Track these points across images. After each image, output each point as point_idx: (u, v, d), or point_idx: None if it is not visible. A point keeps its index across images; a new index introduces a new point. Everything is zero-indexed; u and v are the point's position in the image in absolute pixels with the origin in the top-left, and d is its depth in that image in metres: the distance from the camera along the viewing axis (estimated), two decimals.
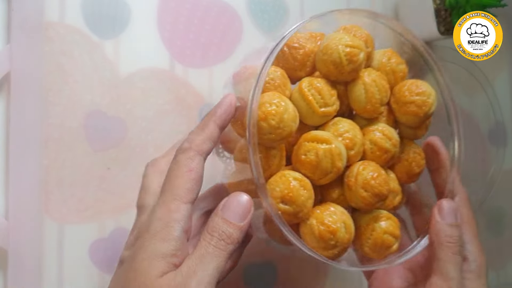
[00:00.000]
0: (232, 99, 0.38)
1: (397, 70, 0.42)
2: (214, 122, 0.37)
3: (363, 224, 0.40)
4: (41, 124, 0.46)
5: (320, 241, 0.37)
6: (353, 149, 0.39)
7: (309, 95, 0.39)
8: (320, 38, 0.42)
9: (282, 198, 0.36)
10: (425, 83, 0.41)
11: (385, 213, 0.40)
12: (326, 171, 0.37)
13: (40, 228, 0.45)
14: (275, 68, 0.40)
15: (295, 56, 0.40)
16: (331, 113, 0.39)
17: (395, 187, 0.42)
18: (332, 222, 0.37)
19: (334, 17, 0.42)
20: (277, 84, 0.39)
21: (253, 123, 0.35)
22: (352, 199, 0.39)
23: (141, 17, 0.51)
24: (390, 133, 0.41)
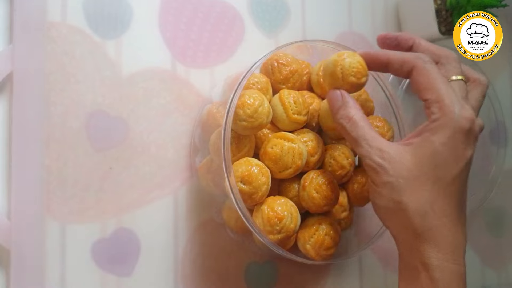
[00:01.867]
0: None
1: (365, 105, 0.50)
2: None
3: (309, 224, 0.46)
4: (43, 124, 0.46)
5: (267, 224, 0.42)
6: (314, 156, 0.46)
7: (286, 101, 0.46)
8: (306, 66, 0.51)
9: (242, 178, 0.42)
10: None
11: (330, 220, 0.46)
12: (286, 166, 0.44)
13: (42, 228, 0.45)
14: (262, 75, 0.48)
15: (281, 71, 0.48)
16: (301, 121, 0.46)
17: (344, 202, 0.48)
18: (280, 210, 0.42)
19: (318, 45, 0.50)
20: (261, 87, 0.46)
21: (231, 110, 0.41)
22: (304, 198, 0.45)
23: (143, 17, 0.51)
24: (348, 153, 0.47)
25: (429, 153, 0.38)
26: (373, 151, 0.39)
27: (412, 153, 0.38)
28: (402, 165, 0.38)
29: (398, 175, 0.38)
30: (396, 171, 0.38)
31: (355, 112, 0.41)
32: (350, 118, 0.40)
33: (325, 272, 0.56)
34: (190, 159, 0.51)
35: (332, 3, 0.60)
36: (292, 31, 0.57)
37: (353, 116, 0.40)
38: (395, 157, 0.38)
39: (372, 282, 0.58)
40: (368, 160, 0.39)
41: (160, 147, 0.50)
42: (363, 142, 0.39)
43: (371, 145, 0.39)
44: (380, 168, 0.38)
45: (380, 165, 0.38)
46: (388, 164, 0.38)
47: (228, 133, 0.40)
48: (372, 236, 0.48)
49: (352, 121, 0.40)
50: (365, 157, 0.39)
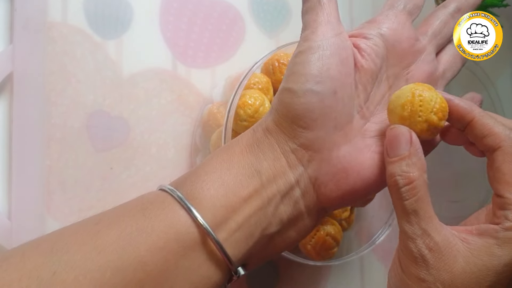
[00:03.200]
0: None
1: None
2: None
3: None
4: (43, 124, 0.46)
5: None
6: None
7: None
8: None
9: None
10: None
11: (332, 220, 0.45)
12: None
13: (43, 228, 0.45)
14: (263, 75, 0.47)
15: (282, 70, 0.47)
16: None
17: None
18: None
19: None
20: (261, 87, 0.46)
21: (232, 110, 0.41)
22: None
23: (144, 17, 0.51)
24: None
25: (486, 269, 0.30)
26: (421, 235, 0.30)
27: (465, 258, 0.30)
28: (447, 267, 0.30)
29: (439, 279, 0.30)
30: (438, 271, 0.30)
31: (419, 175, 0.31)
32: (411, 181, 0.30)
33: (326, 272, 0.56)
34: (191, 159, 0.51)
35: None
36: (293, 31, 0.57)
37: (415, 180, 0.30)
38: (443, 251, 0.30)
39: (373, 282, 0.58)
40: (411, 243, 0.30)
41: (161, 147, 0.50)
42: (414, 219, 0.30)
43: (422, 227, 0.30)
44: (421, 260, 0.30)
45: (423, 256, 0.30)
46: (433, 259, 0.30)
47: (229, 133, 0.40)
48: (373, 236, 0.48)
49: (413, 186, 0.30)
50: (408, 238, 0.31)
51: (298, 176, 0.32)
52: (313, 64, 0.32)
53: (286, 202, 0.32)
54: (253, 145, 0.33)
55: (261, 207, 0.31)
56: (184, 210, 0.30)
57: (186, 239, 0.29)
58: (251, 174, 0.31)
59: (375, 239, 0.47)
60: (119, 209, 0.32)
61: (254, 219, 0.31)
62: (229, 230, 0.30)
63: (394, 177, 0.31)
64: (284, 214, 0.32)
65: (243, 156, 0.32)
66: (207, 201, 0.30)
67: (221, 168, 0.32)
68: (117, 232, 0.29)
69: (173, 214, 0.30)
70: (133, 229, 0.29)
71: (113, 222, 0.30)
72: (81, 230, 0.30)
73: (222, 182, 0.31)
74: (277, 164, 0.32)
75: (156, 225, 0.29)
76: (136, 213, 0.30)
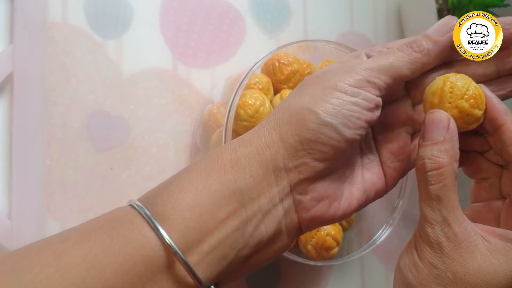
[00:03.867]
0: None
1: None
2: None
3: None
4: (44, 124, 0.46)
5: None
6: None
7: None
8: (307, 66, 0.50)
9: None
10: None
11: None
12: None
13: (43, 228, 0.45)
14: (263, 75, 0.48)
15: (283, 71, 0.48)
16: None
17: None
18: None
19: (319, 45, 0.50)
20: (262, 88, 0.46)
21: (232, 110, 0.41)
22: None
23: (144, 17, 0.51)
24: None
25: (502, 271, 0.29)
26: (440, 222, 0.30)
27: (483, 255, 0.30)
28: (462, 260, 0.30)
29: (451, 269, 0.30)
30: (452, 261, 0.29)
31: (449, 162, 0.30)
32: (440, 166, 0.30)
33: (327, 272, 0.56)
34: (191, 159, 0.51)
35: (333, 3, 0.60)
36: (293, 31, 0.57)
37: (444, 167, 0.30)
38: (461, 243, 0.30)
39: (374, 283, 0.58)
40: (429, 228, 0.30)
41: (161, 147, 0.50)
42: (436, 205, 0.30)
43: (444, 214, 0.30)
44: (437, 247, 0.30)
45: (440, 243, 0.30)
46: (449, 248, 0.30)
47: (229, 133, 0.40)
48: (374, 236, 0.48)
49: (440, 172, 0.30)
50: (427, 222, 0.30)
51: (284, 196, 0.31)
52: (349, 106, 0.31)
53: (268, 222, 0.31)
54: (240, 159, 0.31)
55: (238, 228, 0.30)
56: (153, 232, 0.28)
57: (154, 262, 0.28)
58: (231, 192, 0.30)
59: (376, 239, 0.47)
60: (87, 226, 0.30)
61: (230, 240, 0.29)
62: (202, 252, 0.29)
63: (423, 160, 0.30)
64: (264, 234, 0.31)
65: (224, 172, 0.30)
66: (179, 223, 0.28)
67: (197, 186, 0.30)
68: (83, 252, 0.27)
69: (142, 235, 0.28)
70: (98, 250, 0.27)
71: (79, 241, 0.28)
72: (46, 248, 0.28)
73: (197, 202, 0.29)
74: (265, 181, 0.30)
75: (123, 246, 0.28)
76: (103, 233, 0.28)
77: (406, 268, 0.31)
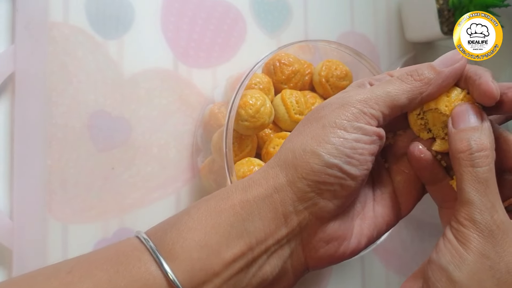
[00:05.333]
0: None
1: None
2: None
3: None
4: (45, 124, 0.46)
5: None
6: None
7: (288, 101, 0.46)
8: (308, 66, 0.50)
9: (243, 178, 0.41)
10: None
11: None
12: None
13: (44, 228, 0.45)
14: (264, 75, 0.48)
15: (283, 71, 0.48)
16: None
17: None
18: None
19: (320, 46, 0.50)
20: (263, 88, 0.46)
21: (233, 110, 0.41)
22: None
23: (145, 17, 0.51)
24: None
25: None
26: (490, 208, 0.29)
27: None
28: (511, 249, 0.28)
29: (504, 259, 0.28)
30: (504, 251, 0.28)
31: (491, 147, 0.30)
32: (485, 148, 0.29)
33: (327, 273, 0.56)
34: (192, 159, 0.51)
35: (334, 3, 0.60)
36: (294, 31, 0.57)
37: (489, 149, 0.29)
38: (508, 231, 0.29)
39: (374, 283, 0.58)
40: (478, 215, 0.29)
41: (162, 147, 0.50)
42: (486, 189, 0.29)
43: (491, 200, 0.29)
44: (489, 235, 0.28)
45: (491, 231, 0.28)
46: (499, 236, 0.28)
47: (230, 133, 0.40)
48: None
49: (487, 154, 0.29)
50: (476, 208, 0.29)
51: (292, 237, 0.31)
52: (350, 144, 0.30)
53: (273, 262, 0.30)
54: (250, 201, 0.30)
55: (243, 269, 0.29)
56: (160, 271, 0.28)
57: None
58: (240, 234, 0.30)
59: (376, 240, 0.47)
60: (93, 258, 0.30)
61: (234, 280, 0.29)
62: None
63: (467, 142, 0.29)
64: (269, 274, 0.30)
65: (234, 213, 0.30)
66: (186, 264, 0.28)
67: (206, 225, 0.30)
68: (89, 286, 0.27)
69: (148, 274, 0.28)
70: (105, 285, 0.27)
71: (85, 274, 0.28)
72: (52, 278, 0.28)
73: (205, 243, 0.29)
74: (273, 224, 0.30)
75: (129, 285, 0.28)
76: (110, 268, 0.28)
77: (450, 265, 0.28)
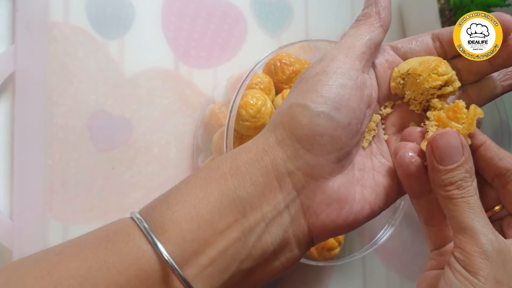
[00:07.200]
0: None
1: None
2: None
3: None
4: (45, 124, 0.46)
5: None
6: None
7: None
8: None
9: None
10: None
11: None
12: None
13: (44, 228, 0.45)
14: (265, 75, 0.47)
15: (284, 70, 0.48)
16: None
17: None
18: None
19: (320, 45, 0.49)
20: (263, 87, 0.46)
21: (234, 110, 0.41)
22: None
23: (146, 17, 0.51)
24: None
25: None
26: (491, 231, 0.29)
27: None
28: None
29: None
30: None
31: (474, 178, 0.30)
32: (473, 182, 0.30)
33: (328, 273, 0.56)
34: (192, 159, 0.51)
35: (335, 3, 0.60)
36: (295, 31, 0.57)
37: (474, 180, 0.30)
38: (508, 253, 0.29)
39: (375, 283, 0.58)
40: (484, 239, 0.28)
41: (162, 147, 0.50)
42: (482, 214, 0.29)
43: (489, 224, 0.29)
44: (497, 258, 0.28)
45: (499, 250, 0.28)
46: (507, 258, 0.28)
47: (230, 133, 0.40)
48: (375, 237, 0.48)
49: (475, 185, 0.30)
50: (480, 234, 0.28)
51: (289, 202, 0.30)
52: (336, 89, 0.30)
53: (273, 231, 0.29)
54: (240, 167, 0.30)
55: (239, 238, 0.28)
56: (150, 245, 0.27)
57: (150, 276, 0.27)
58: (232, 202, 0.29)
59: (377, 240, 0.47)
60: (84, 238, 0.29)
61: (231, 251, 0.28)
62: (200, 265, 0.28)
63: (455, 179, 0.29)
64: (269, 245, 0.29)
65: (224, 181, 0.29)
66: (176, 235, 0.28)
67: (196, 196, 0.29)
68: (77, 265, 0.27)
69: (137, 248, 0.27)
70: (93, 262, 0.27)
71: (74, 253, 0.27)
72: (41, 261, 0.27)
73: (195, 212, 0.28)
74: (267, 188, 0.29)
75: (118, 260, 0.27)
76: (99, 245, 0.28)
77: None
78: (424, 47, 0.35)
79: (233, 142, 0.41)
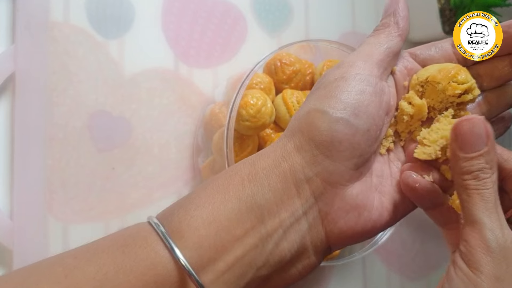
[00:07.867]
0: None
1: None
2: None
3: None
4: (45, 124, 0.46)
5: None
6: None
7: (289, 101, 0.46)
8: (309, 66, 0.50)
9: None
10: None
11: None
12: None
13: (44, 228, 0.45)
14: (265, 75, 0.47)
15: (284, 70, 0.48)
16: None
17: None
18: None
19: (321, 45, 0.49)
20: (264, 87, 0.46)
21: (234, 110, 0.41)
22: None
23: (146, 17, 0.51)
24: None
25: None
26: (501, 227, 0.28)
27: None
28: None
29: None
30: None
31: (495, 170, 0.29)
32: (493, 176, 0.29)
33: (329, 273, 0.56)
34: (193, 159, 0.51)
35: (335, 3, 0.60)
36: (295, 31, 0.57)
37: (495, 173, 0.29)
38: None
39: (375, 283, 0.58)
40: (490, 235, 0.27)
41: (163, 147, 0.50)
42: (496, 209, 0.28)
43: (501, 220, 0.28)
44: (500, 255, 0.27)
45: (503, 248, 0.27)
46: (509, 254, 0.27)
47: (231, 133, 0.40)
48: (375, 237, 0.48)
49: (494, 179, 0.29)
50: (487, 229, 0.28)
51: (307, 208, 0.29)
52: (355, 95, 0.30)
53: (291, 237, 0.29)
54: (258, 173, 0.29)
55: (257, 245, 0.28)
56: (167, 250, 0.27)
57: (166, 282, 0.27)
58: (249, 208, 0.28)
59: (378, 240, 0.47)
60: (100, 243, 0.29)
61: (248, 258, 0.28)
62: (217, 271, 0.27)
63: (475, 167, 0.28)
64: (287, 252, 0.29)
65: (242, 187, 0.29)
66: (194, 241, 0.27)
67: (214, 202, 0.29)
68: (94, 269, 0.26)
69: (155, 253, 0.27)
70: (110, 267, 0.27)
71: (91, 258, 0.27)
72: (57, 265, 0.27)
73: (213, 218, 0.28)
74: (285, 195, 0.29)
75: (135, 265, 0.27)
76: (116, 250, 0.27)
77: None
78: (444, 53, 0.35)
79: (233, 142, 0.41)
